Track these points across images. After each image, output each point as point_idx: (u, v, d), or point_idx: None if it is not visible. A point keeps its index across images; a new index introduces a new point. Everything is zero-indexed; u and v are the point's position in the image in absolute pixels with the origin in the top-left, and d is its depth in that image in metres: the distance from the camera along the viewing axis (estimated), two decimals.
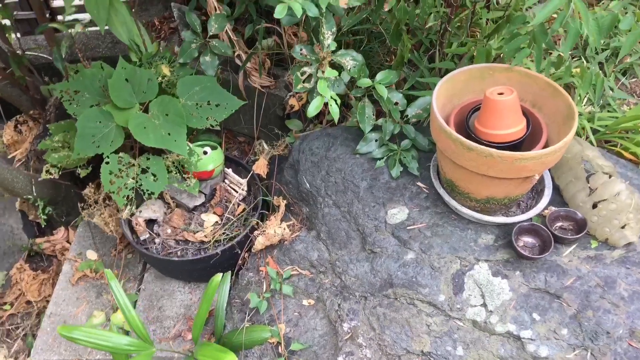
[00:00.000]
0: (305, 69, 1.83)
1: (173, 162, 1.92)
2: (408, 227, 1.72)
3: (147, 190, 1.81)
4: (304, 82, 1.81)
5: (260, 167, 2.14)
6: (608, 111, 2.26)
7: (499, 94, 1.51)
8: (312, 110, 1.60)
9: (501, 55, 2.08)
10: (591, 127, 2.08)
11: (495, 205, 1.63)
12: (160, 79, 1.97)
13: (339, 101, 1.64)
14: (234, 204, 2.11)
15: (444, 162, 1.63)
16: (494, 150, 1.41)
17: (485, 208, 1.65)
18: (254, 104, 2.46)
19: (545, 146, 1.56)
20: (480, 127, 1.55)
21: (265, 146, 2.27)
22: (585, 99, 2.25)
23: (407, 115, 1.89)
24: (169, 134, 1.79)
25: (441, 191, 1.69)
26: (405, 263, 1.66)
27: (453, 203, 1.67)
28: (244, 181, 2.12)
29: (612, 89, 2.30)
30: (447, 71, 2.18)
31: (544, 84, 1.60)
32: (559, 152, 1.45)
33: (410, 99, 1.97)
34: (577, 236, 1.59)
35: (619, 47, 2.51)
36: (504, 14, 2.15)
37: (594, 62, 2.39)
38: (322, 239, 1.85)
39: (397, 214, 1.75)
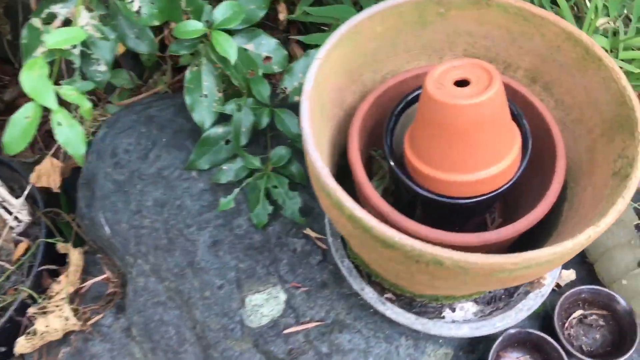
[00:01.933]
0: (55, 7, 0.86)
1: None
2: (285, 331, 0.87)
3: None
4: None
5: (47, 173, 1.22)
6: None
7: (456, 83, 0.61)
8: (13, 145, 0.67)
9: None
10: None
11: (447, 302, 0.80)
12: None
13: (88, 106, 0.70)
14: (5, 240, 1.22)
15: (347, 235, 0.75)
16: (446, 253, 0.53)
17: (426, 309, 0.81)
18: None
19: (564, 187, 0.70)
20: (417, 163, 0.66)
21: None
22: None
23: (285, 89, 0.97)
24: None
25: (345, 265, 0.83)
26: None
27: (367, 292, 0.81)
28: (19, 202, 1.21)
29: None
30: None
31: (562, 35, 0.70)
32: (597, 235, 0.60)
33: (295, 49, 1.04)
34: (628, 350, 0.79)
35: None
36: None
37: None
38: (135, 338, 0.99)
39: (265, 304, 0.89)
